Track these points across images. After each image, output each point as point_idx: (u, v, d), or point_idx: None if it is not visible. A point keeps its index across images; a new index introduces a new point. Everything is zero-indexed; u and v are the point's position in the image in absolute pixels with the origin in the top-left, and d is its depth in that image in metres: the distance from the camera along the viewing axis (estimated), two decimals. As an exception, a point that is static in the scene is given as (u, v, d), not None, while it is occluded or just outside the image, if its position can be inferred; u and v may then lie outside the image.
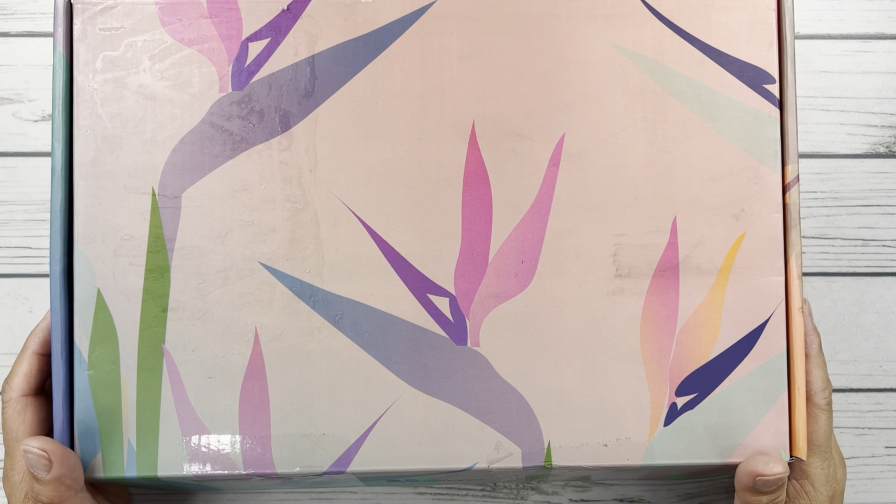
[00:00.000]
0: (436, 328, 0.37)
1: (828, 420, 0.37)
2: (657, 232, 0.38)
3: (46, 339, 0.38)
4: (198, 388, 0.37)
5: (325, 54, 0.38)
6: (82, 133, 0.37)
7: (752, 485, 0.36)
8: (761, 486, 0.36)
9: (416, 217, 0.37)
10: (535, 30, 0.38)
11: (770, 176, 0.38)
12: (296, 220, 0.37)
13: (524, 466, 0.37)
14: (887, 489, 0.46)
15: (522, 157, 0.38)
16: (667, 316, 0.37)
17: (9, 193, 0.46)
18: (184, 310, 0.37)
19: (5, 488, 0.38)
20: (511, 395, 0.37)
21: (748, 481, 0.36)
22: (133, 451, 0.37)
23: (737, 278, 0.37)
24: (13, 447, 0.37)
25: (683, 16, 0.38)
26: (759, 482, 0.35)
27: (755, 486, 0.36)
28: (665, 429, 0.37)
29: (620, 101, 0.38)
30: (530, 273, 0.37)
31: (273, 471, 0.37)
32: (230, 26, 0.37)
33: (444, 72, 0.38)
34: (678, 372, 0.37)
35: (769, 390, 0.37)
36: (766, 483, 0.35)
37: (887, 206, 0.47)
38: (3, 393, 0.38)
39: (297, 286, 0.37)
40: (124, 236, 0.37)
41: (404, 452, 0.37)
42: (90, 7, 0.37)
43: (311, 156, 0.37)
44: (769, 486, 0.36)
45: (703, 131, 0.38)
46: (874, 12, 0.48)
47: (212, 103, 0.37)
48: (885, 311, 0.47)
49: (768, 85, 0.38)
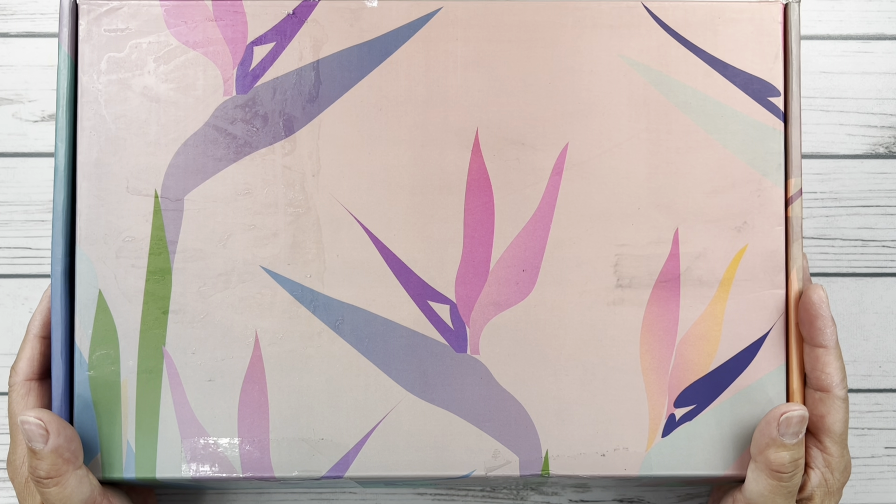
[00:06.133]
0: (436, 335, 0.37)
1: (846, 410, 0.37)
2: (659, 243, 0.38)
3: (47, 321, 0.38)
4: (197, 391, 0.37)
5: (330, 59, 0.38)
6: (86, 134, 0.37)
7: (775, 437, 0.35)
8: (785, 427, 0.35)
9: (417, 223, 0.37)
10: (541, 38, 0.38)
11: (773, 189, 0.38)
12: (298, 225, 0.37)
13: (521, 475, 0.37)
14: (887, 489, 0.46)
15: (525, 165, 0.38)
16: (667, 327, 0.37)
17: (9, 194, 0.46)
18: (184, 312, 0.37)
19: (9, 472, 0.38)
20: (510, 404, 0.37)
21: (770, 434, 0.35)
22: (132, 453, 0.37)
23: (737, 291, 0.37)
24: (17, 431, 0.37)
25: (689, 27, 0.38)
26: (784, 420, 0.35)
27: (778, 434, 0.35)
28: (663, 440, 0.37)
29: (624, 111, 0.38)
30: (531, 282, 0.37)
31: (271, 474, 0.37)
32: (235, 30, 0.37)
33: (449, 79, 0.38)
34: (677, 383, 0.37)
35: (768, 403, 0.37)
36: (790, 422, 0.35)
37: (887, 207, 0.47)
38: (9, 378, 0.38)
39: (297, 291, 0.37)
40: (126, 238, 0.37)
41: (402, 458, 0.37)
42: (96, 8, 0.37)
43: (314, 161, 0.37)
44: (793, 427, 0.35)
45: (707, 143, 0.38)
46: (874, 13, 0.47)
47: (216, 106, 0.37)
48: (884, 311, 0.47)
49: (773, 98, 0.38)
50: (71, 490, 0.35)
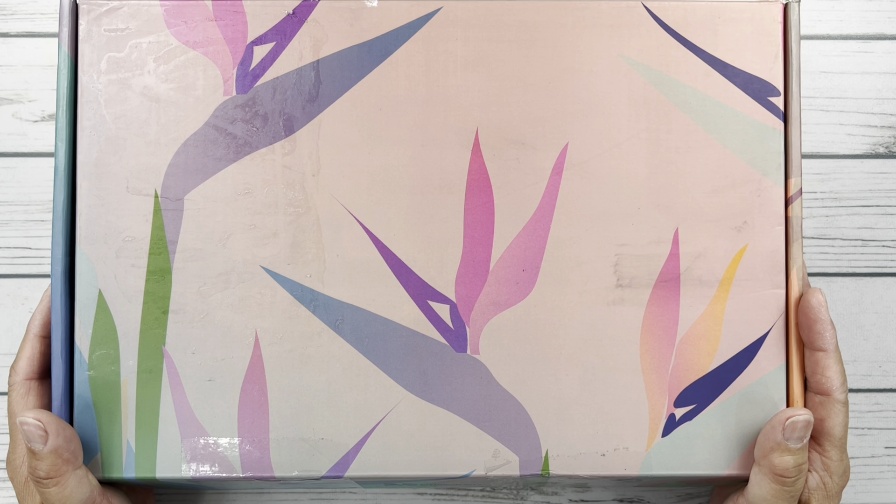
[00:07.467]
0: (436, 335, 0.37)
1: (846, 414, 0.37)
2: (659, 242, 0.38)
3: (47, 321, 0.38)
4: (197, 391, 0.37)
5: (330, 59, 0.38)
6: (86, 134, 0.37)
7: (779, 441, 0.35)
8: (790, 431, 0.35)
9: (417, 223, 0.37)
10: (541, 38, 0.38)
11: (773, 189, 0.38)
12: (298, 225, 0.37)
13: (521, 475, 0.37)
14: (887, 489, 0.46)
15: (525, 165, 0.38)
16: (667, 327, 0.37)
17: (9, 193, 0.46)
18: (184, 312, 0.37)
19: (8, 472, 0.38)
20: (510, 404, 0.37)
21: (775, 438, 0.35)
22: (132, 452, 0.37)
23: (737, 290, 0.37)
24: (16, 430, 0.37)
25: (689, 27, 0.38)
26: (789, 425, 0.35)
27: (783, 438, 0.35)
28: (663, 439, 0.37)
29: (624, 111, 0.38)
30: (531, 281, 0.37)
31: (271, 474, 0.37)
32: (235, 30, 0.37)
33: (449, 78, 0.38)
34: (677, 383, 0.37)
35: (768, 403, 0.37)
36: (795, 426, 0.35)
37: (887, 207, 0.47)
38: (9, 377, 0.38)
39: (297, 290, 0.37)
40: (126, 238, 0.37)
41: (402, 458, 0.37)
42: (96, 8, 0.37)
43: (314, 160, 0.37)
44: (798, 431, 0.35)
45: (707, 143, 0.38)
46: (874, 13, 0.48)
47: (216, 106, 0.37)
48: (884, 311, 0.47)
49: (773, 97, 0.38)
50: (70, 490, 0.35)
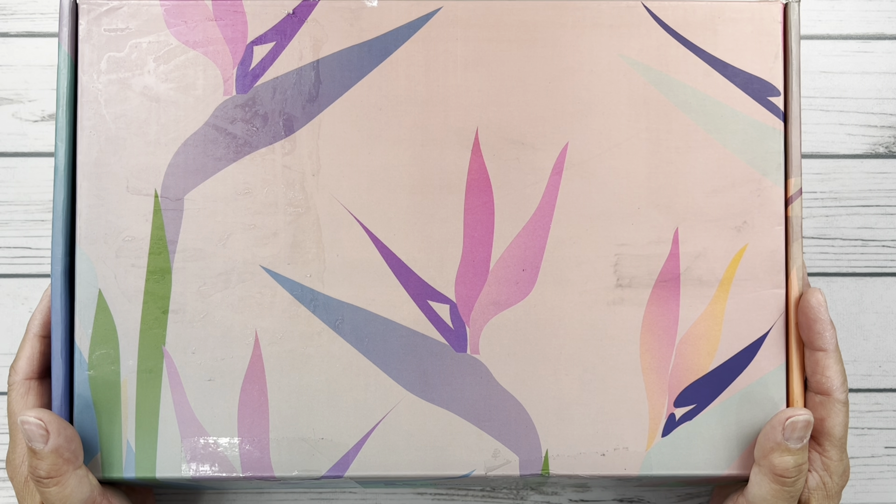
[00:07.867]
0: (436, 335, 0.37)
1: (846, 414, 0.37)
2: (659, 242, 0.38)
3: (47, 320, 0.38)
4: (197, 391, 0.37)
5: (330, 59, 0.38)
6: (86, 133, 0.37)
7: (779, 442, 0.35)
8: (790, 431, 0.35)
9: (417, 223, 0.37)
10: (541, 38, 0.38)
11: (773, 188, 0.38)
12: (298, 225, 0.37)
13: (521, 474, 0.37)
14: (887, 489, 0.46)
15: (525, 165, 0.38)
16: (667, 327, 0.37)
17: (9, 193, 0.46)
18: (184, 312, 0.37)
19: (8, 472, 0.38)
20: (510, 403, 0.37)
21: (775, 438, 0.35)
22: (132, 452, 0.37)
23: (737, 290, 0.37)
24: (16, 430, 0.37)
25: (689, 26, 0.38)
26: (789, 425, 0.35)
27: (783, 438, 0.35)
28: (663, 439, 0.37)
29: (624, 111, 0.38)
30: (531, 281, 0.37)
31: (271, 474, 0.37)
32: (235, 29, 0.37)
33: (449, 78, 0.38)
34: (677, 383, 0.37)
35: (768, 402, 0.37)
36: (795, 426, 0.35)
37: (887, 207, 0.47)
38: (8, 377, 0.38)
39: (297, 290, 0.37)
40: (126, 237, 0.37)
41: (402, 458, 0.37)
42: (96, 7, 0.37)
43: (314, 160, 0.37)
44: (798, 431, 0.35)
45: (707, 143, 0.38)
46: (874, 13, 0.48)
47: (216, 106, 0.37)
48: (884, 311, 0.47)
49: (773, 97, 0.38)
50: (71, 490, 0.35)
